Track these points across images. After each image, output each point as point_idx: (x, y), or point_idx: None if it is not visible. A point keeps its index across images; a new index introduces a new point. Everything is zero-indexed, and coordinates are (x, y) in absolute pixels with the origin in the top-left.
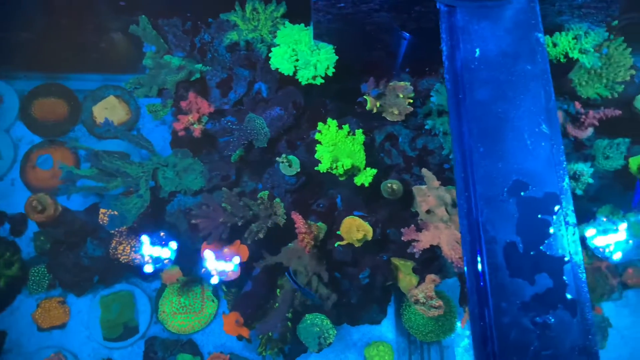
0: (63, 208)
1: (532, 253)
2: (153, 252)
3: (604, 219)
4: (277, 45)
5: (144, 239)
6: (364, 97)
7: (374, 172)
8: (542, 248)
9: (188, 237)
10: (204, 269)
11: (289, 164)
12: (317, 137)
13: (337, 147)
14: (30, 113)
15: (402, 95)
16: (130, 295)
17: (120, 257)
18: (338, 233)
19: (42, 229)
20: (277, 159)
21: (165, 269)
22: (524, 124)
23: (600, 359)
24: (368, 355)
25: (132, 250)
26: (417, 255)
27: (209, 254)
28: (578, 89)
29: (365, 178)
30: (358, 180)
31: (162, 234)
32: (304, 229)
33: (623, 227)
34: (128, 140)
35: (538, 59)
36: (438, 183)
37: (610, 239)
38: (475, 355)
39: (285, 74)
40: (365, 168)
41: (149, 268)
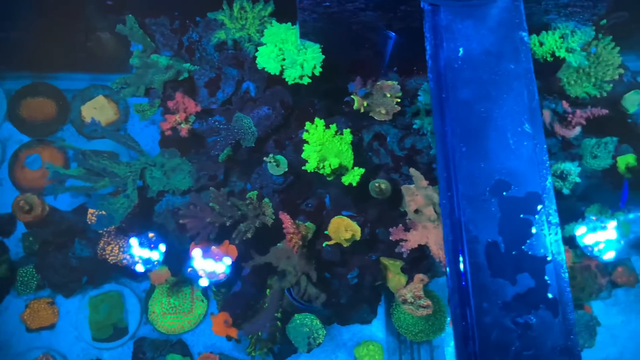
0: (51, 208)
1: (513, 253)
2: (142, 253)
3: (594, 218)
4: (264, 45)
5: (133, 242)
6: (351, 96)
7: (362, 171)
8: (524, 248)
9: (176, 237)
10: (190, 269)
11: (277, 164)
12: (304, 136)
13: (324, 146)
14: (18, 113)
15: (389, 95)
16: (119, 296)
17: (109, 257)
18: (326, 233)
19: (29, 229)
20: (264, 159)
21: (154, 270)
22: (507, 124)
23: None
24: (358, 355)
25: (120, 251)
26: (405, 255)
27: (197, 254)
28: (567, 88)
29: (353, 177)
30: (346, 180)
31: (150, 235)
32: (292, 229)
33: (612, 225)
34: (115, 140)
35: (522, 58)
36: (426, 182)
37: (600, 238)
38: (457, 355)
39: (272, 73)
40: (353, 167)
41: (140, 268)
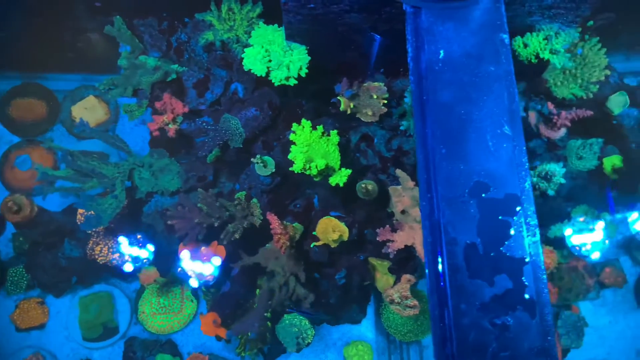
0: (39, 208)
1: (492, 254)
2: (131, 251)
3: (581, 219)
4: (251, 46)
5: (122, 241)
6: (338, 97)
7: (349, 172)
8: (502, 249)
9: (165, 238)
10: (180, 269)
11: (264, 165)
12: (291, 137)
13: (311, 147)
14: (8, 113)
15: (376, 96)
16: (110, 296)
17: (98, 257)
18: (314, 234)
19: (19, 230)
20: (252, 160)
21: (143, 270)
22: (487, 126)
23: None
24: (347, 355)
25: (109, 251)
26: (391, 256)
27: (186, 254)
28: (553, 89)
29: (340, 178)
30: (333, 181)
31: (139, 237)
32: (279, 230)
33: (600, 226)
34: (103, 141)
35: (502, 60)
36: (413, 183)
37: (587, 238)
38: (435, 357)
39: (258, 75)
40: (340, 168)
41: (129, 267)
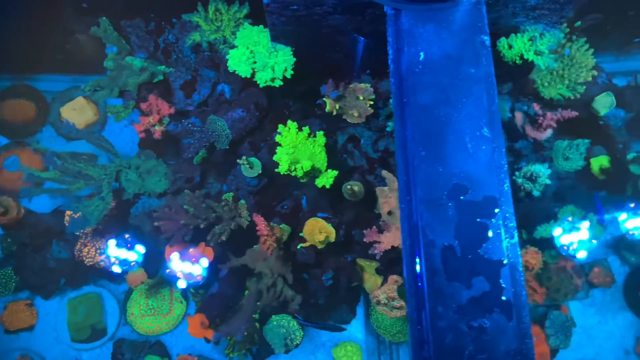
0: (26, 210)
1: (469, 256)
2: (119, 254)
3: (569, 219)
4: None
5: (110, 243)
6: (324, 99)
7: (335, 173)
8: (479, 251)
9: (152, 239)
10: (169, 270)
11: (250, 166)
12: (277, 139)
13: (297, 149)
14: None
15: (362, 97)
16: (98, 298)
17: (85, 259)
18: (301, 235)
19: (6, 232)
20: (238, 161)
21: (130, 272)
22: (466, 128)
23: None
24: (336, 356)
25: (97, 253)
26: (378, 257)
27: (175, 256)
28: (540, 90)
29: (327, 180)
30: (319, 182)
31: (127, 237)
32: (266, 231)
33: (585, 225)
34: (90, 142)
35: (482, 62)
36: None
37: (574, 238)
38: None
39: (243, 76)
40: (327, 170)
41: (117, 269)
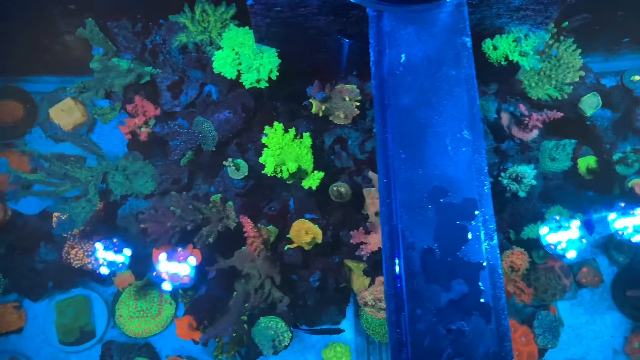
0: (13, 212)
1: (449, 259)
2: (107, 256)
3: (557, 218)
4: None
5: (98, 246)
6: (310, 100)
7: (321, 175)
8: (459, 254)
9: (140, 241)
10: (156, 272)
11: (236, 168)
12: (263, 140)
13: (283, 150)
14: None
15: (348, 99)
16: (86, 300)
17: (73, 261)
18: (288, 237)
19: None
20: (224, 163)
21: (118, 274)
22: (446, 130)
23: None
24: (325, 357)
25: (85, 255)
26: (364, 258)
27: (163, 256)
28: (528, 90)
29: (313, 181)
30: (306, 184)
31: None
32: (253, 233)
33: (575, 224)
34: (76, 144)
35: (464, 64)
36: None
37: (563, 237)
38: None
39: (229, 78)
40: (314, 171)
41: (104, 270)
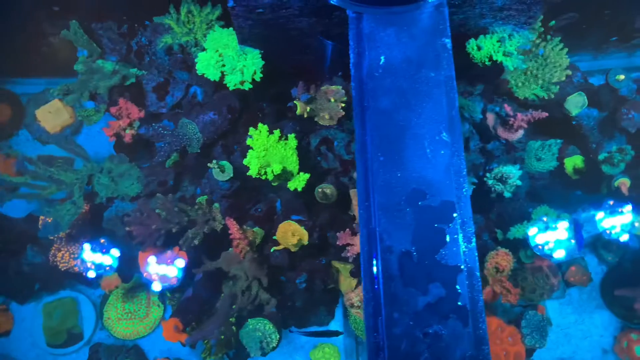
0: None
1: (426, 262)
2: (94, 258)
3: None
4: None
5: (85, 247)
6: (294, 102)
7: (307, 176)
8: (436, 257)
9: (126, 243)
10: (146, 273)
11: (221, 169)
12: (248, 142)
13: (268, 152)
14: None
15: (333, 100)
16: (74, 302)
17: (60, 263)
18: (274, 238)
19: None
20: (208, 165)
21: (104, 276)
22: (425, 132)
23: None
24: (314, 358)
25: (71, 257)
26: (350, 259)
27: (152, 259)
28: (514, 90)
29: (298, 183)
30: (291, 186)
31: (102, 241)
32: (238, 235)
33: (563, 225)
34: (60, 147)
35: (443, 65)
36: None
37: (550, 237)
38: None
39: (212, 80)
40: (299, 173)
41: (92, 273)
